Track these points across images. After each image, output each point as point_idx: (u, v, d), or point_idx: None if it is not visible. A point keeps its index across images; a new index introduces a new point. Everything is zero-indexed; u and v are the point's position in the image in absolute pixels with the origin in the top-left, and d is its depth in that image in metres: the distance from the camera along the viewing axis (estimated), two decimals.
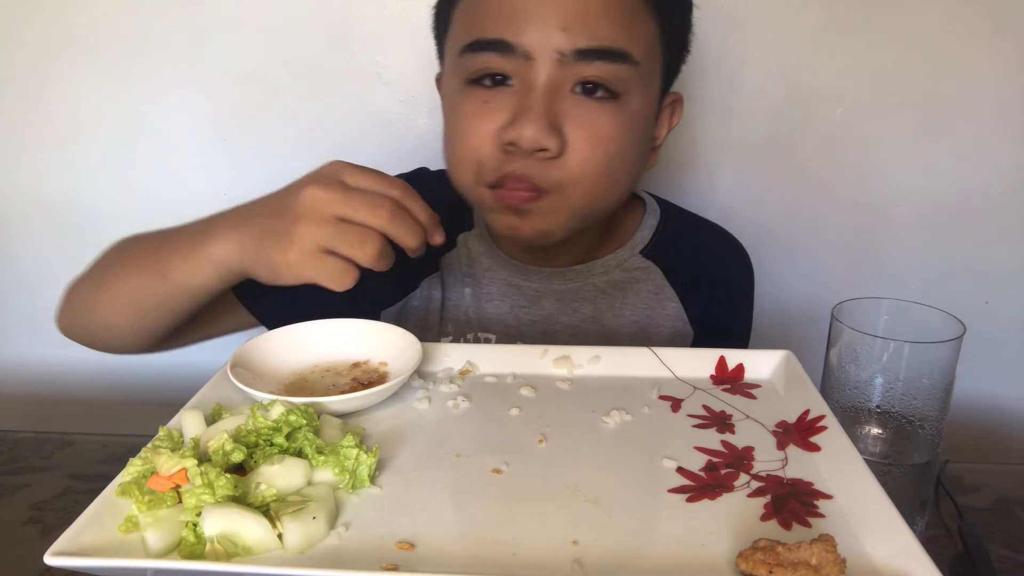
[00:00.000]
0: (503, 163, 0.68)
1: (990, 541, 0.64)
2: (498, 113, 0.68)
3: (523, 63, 0.66)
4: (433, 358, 0.66)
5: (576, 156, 0.68)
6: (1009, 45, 1.05)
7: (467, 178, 0.72)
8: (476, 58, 0.68)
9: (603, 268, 0.84)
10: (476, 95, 0.69)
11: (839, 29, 1.06)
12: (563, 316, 0.83)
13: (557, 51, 0.65)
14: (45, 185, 1.18)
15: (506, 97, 0.68)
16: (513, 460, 0.52)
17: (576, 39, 0.65)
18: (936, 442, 0.63)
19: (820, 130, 1.11)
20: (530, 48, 0.66)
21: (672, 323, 0.84)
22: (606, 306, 0.83)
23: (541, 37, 0.65)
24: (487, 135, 0.68)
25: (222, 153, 1.16)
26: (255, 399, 0.56)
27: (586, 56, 0.65)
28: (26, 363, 1.28)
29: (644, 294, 0.84)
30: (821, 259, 1.18)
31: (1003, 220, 1.14)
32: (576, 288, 0.83)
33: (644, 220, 0.87)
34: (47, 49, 1.11)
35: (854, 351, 0.62)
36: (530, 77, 0.67)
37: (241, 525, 0.42)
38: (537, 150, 0.66)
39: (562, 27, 0.65)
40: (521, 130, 0.65)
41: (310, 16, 1.08)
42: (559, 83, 0.67)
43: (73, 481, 0.73)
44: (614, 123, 0.68)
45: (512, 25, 0.66)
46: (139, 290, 0.69)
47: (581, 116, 0.67)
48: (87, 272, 0.77)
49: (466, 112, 0.70)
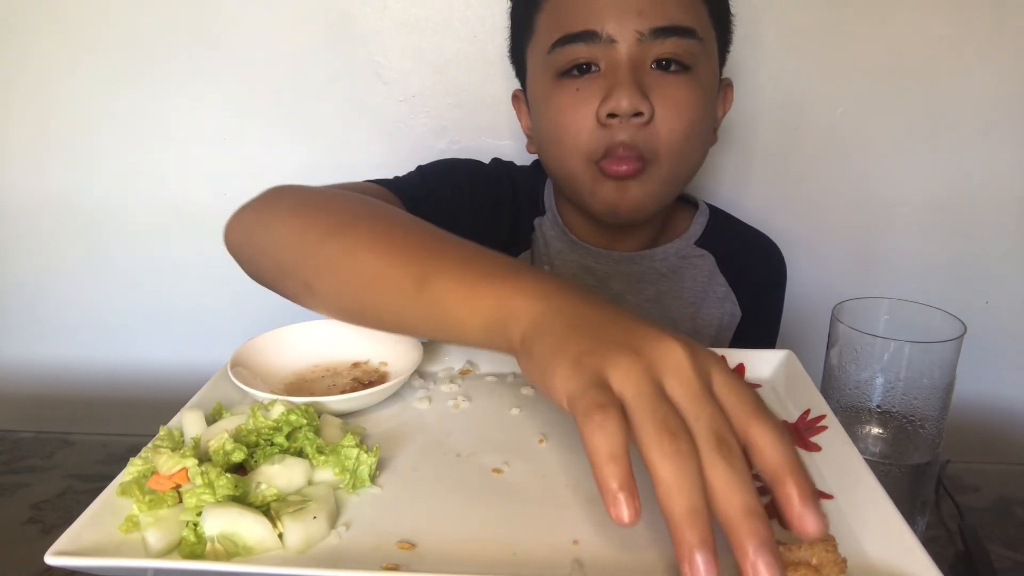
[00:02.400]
0: (608, 136, 0.77)
1: (990, 541, 0.64)
2: (591, 97, 0.76)
3: (608, 47, 0.76)
4: (433, 358, 0.66)
5: (664, 124, 0.76)
6: (1009, 45, 1.05)
7: (577, 162, 0.80)
8: (565, 51, 0.77)
9: (663, 254, 0.93)
10: (568, 85, 0.78)
11: (839, 30, 1.06)
12: (629, 295, 0.91)
13: (636, 31, 0.75)
14: (45, 185, 1.18)
15: (596, 81, 0.77)
16: (513, 460, 0.52)
17: (651, 20, 0.75)
18: (936, 442, 0.63)
19: (820, 130, 1.11)
20: (613, 33, 0.75)
21: (722, 303, 0.93)
22: (666, 288, 0.92)
23: (621, 22, 0.75)
24: (586, 117, 0.77)
25: (222, 153, 1.15)
26: (255, 399, 0.56)
27: (661, 34, 0.75)
28: (26, 363, 1.28)
29: (699, 278, 0.93)
30: (821, 259, 1.18)
31: (1003, 220, 1.14)
32: (641, 271, 0.92)
33: (696, 217, 0.96)
34: (47, 49, 1.11)
35: (854, 351, 0.62)
36: (615, 58, 0.76)
37: (241, 525, 0.42)
38: (634, 115, 0.75)
39: (638, 12, 0.75)
40: (619, 100, 0.74)
41: (310, 16, 1.08)
42: (640, 59, 0.76)
43: (73, 481, 0.73)
44: (691, 93, 0.78)
45: (596, 15, 0.76)
46: (378, 281, 0.53)
47: (663, 87, 0.76)
48: (302, 199, 0.63)
49: (563, 103, 0.79)
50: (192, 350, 1.24)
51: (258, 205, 0.65)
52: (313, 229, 0.58)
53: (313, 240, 0.58)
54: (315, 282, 0.58)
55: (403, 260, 0.52)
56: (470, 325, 0.48)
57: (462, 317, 0.48)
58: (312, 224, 0.59)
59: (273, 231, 0.61)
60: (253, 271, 0.65)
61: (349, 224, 0.57)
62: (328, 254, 0.56)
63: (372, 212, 0.60)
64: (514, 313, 0.45)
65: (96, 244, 1.20)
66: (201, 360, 1.22)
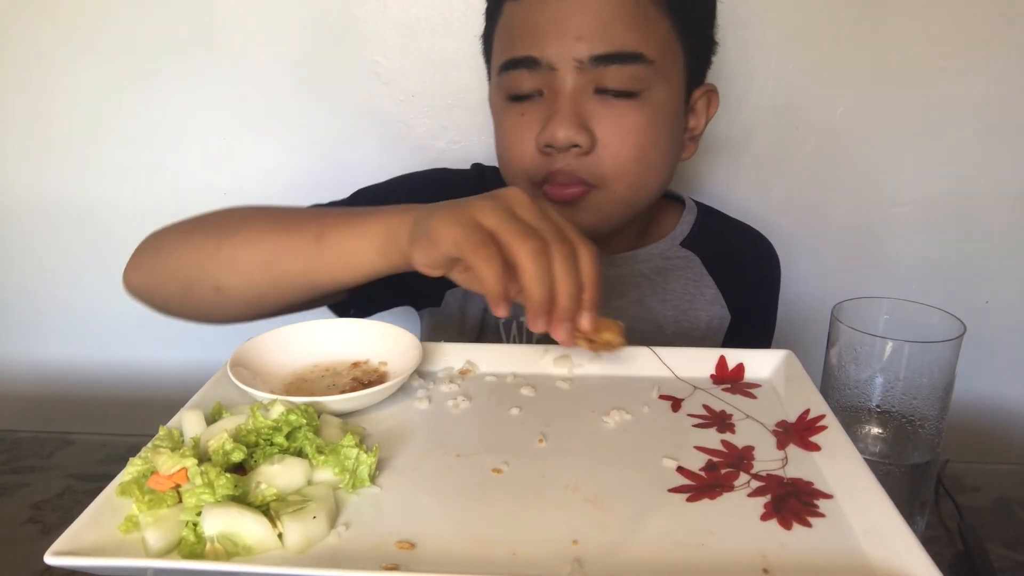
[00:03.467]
0: (547, 164, 0.76)
1: (990, 541, 0.64)
2: (534, 123, 0.75)
3: (549, 74, 0.74)
4: (433, 358, 0.66)
5: (608, 151, 0.74)
6: (1009, 45, 1.05)
7: (522, 185, 0.77)
8: (510, 76, 0.77)
9: (646, 256, 0.90)
10: (515, 110, 0.78)
11: (839, 29, 1.06)
12: (611, 298, 0.88)
13: (575, 59, 0.73)
14: (45, 185, 1.18)
15: (539, 107, 0.76)
16: (513, 460, 0.52)
17: (592, 46, 0.72)
18: (936, 442, 0.63)
19: (820, 130, 1.11)
20: (552, 60, 0.73)
21: (710, 306, 0.90)
22: (650, 290, 0.89)
23: (560, 49, 0.73)
24: (528, 143, 0.76)
25: (222, 153, 1.15)
26: (255, 398, 0.56)
27: (602, 61, 0.72)
28: (26, 363, 1.28)
29: (684, 280, 0.90)
30: (821, 259, 1.18)
31: (1003, 220, 1.14)
32: (623, 274, 0.89)
33: (683, 216, 0.94)
34: (47, 49, 1.11)
35: (854, 351, 0.62)
36: (556, 85, 0.74)
37: (241, 524, 0.42)
38: (571, 146, 0.73)
39: (577, 38, 0.72)
40: (553, 131, 0.73)
41: (310, 16, 1.08)
42: (582, 87, 0.74)
43: (73, 481, 0.73)
44: (638, 118, 0.75)
45: (536, 41, 0.74)
46: (284, 254, 0.65)
47: (606, 114, 0.74)
48: (185, 229, 0.71)
49: (509, 126, 0.79)
50: (192, 350, 1.24)
51: (146, 247, 0.73)
52: (206, 241, 0.68)
53: (210, 249, 0.68)
54: (223, 281, 0.68)
55: (297, 230, 0.65)
56: (367, 253, 0.62)
57: (359, 249, 0.62)
58: (203, 238, 0.69)
59: (170, 258, 0.71)
60: (161, 302, 0.73)
61: (236, 226, 0.68)
62: (228, 253, 0.67)
63: (252, 211, 0.71)
64: (397, 227, 0.60)
65: (96, 244, 1.20)
66: (201, 360, 1.22)
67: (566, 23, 0.73)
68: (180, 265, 0.70)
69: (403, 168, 0.91)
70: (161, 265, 0.71)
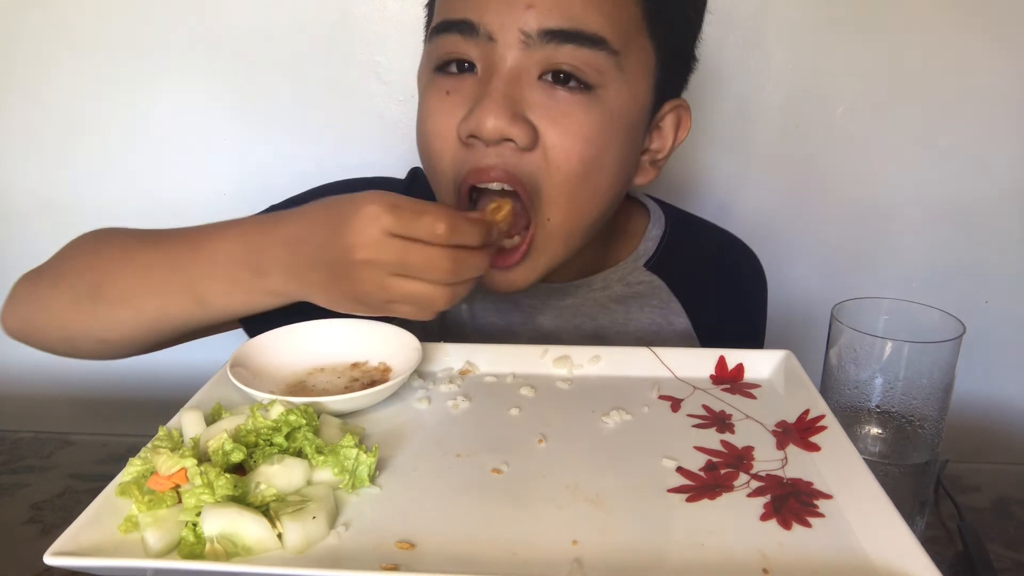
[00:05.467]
0: (472, 159, 0.62)
1: (990, 541, 0.64)
2: (460, 106, 0.62)
3: (487, 45, 0.60)
4: (433, 358, 0.66)
5: (548, 152, 0.61)
6: (1009, 46, 1.05)
7: (446, 186, 0.66)
8: (441, 41, 0.63)
9: (604, 282, 0.78)
10: (440, 85, 0.64)
11: (839, 29, 1.06)
12: (564, 334, 0.78)
13: (521, 31, 0.59)
14: (45, 185, 1.18)
15: (468, 86, 0.62)
16: (513, 460, 0.52)
17: (543, 18, 0.59)
18: (936, 442, 0.62)
19: (820, 130, 1.11)
20: (492, 28, 0.60)
21: (680, 340, 0.79)
22: (609, 322, 0.78)
23: (504, 15, 0.59)
24: (450, 131, 0.63)
25: (222, 153, 1.15)
26: (255, 399, 0.56)
27: (555, 38, 0.59)
28: (26, 363, 1.28)
29: (648, 309, 0.79)
30: (821, 259, 1.18)
31: (1003, 220, 1.14)
32: (576, 304, 0.78)
33: (648, 231, 0.81)
34: (47, 49, 1.11)
35: (854, 351, 0.62)
36: (493, 61, 0.61)
37: (241, 525, 0.42)
38: (501, 140, 0.60)
39: (527, 4, 0.59)
40: (480, 118, 0.59)
41: (310, 16, 1.08)
42: (524, 68, 0.60)
43: (73, 481, 0.73)
44: (590, 119, 0.61)
45: (476, 3, 0.60)
46: (165, 313, 0.64)
47: (552, 108, 0.61)
48: (56, 271, 0.69)
49: (430, 108, 0.65)
50: (192, 350, 1.24)
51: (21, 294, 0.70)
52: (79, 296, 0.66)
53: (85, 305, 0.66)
54: (106, 335, 0.67)
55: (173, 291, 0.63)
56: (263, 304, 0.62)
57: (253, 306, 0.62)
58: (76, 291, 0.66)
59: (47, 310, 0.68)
60: (45, 347, 0.72)
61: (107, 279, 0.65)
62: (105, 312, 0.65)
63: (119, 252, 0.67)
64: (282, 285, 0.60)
65: None
66: (201, 360, 1.22)
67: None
68: (58, 317, 0.68)
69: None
70: (38, 315, 0.69)
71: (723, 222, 0.94)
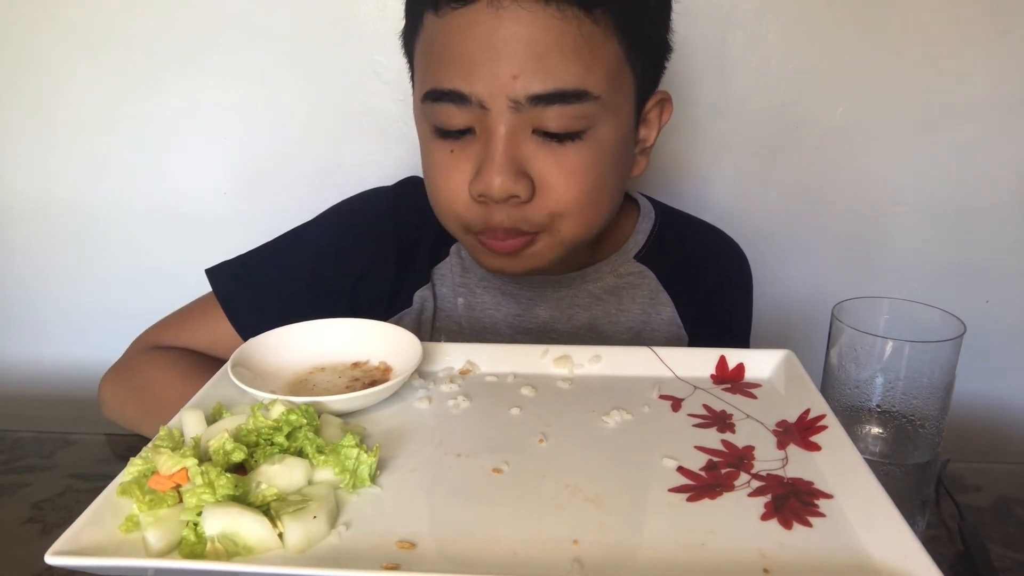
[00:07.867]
0: (483, 215, 0.69)
1: (990, 540, 0.64)
2: (464, 163, 0.68)
3: (480, 113, 0.65)
4: (433, 358, 0.66)
5: (549, 197, 0.67)
6: (1009, 45, 1.05)
7: (453, 227, 0.74)
8: (436, 108, 0.68)
9: (597, 274, 0.83)
10: (443, 145, 0.69)
11: (839, 29, 1.06)
12: (559, 324, 0.83)
13: (510, 99, 0.64)
14: (45, 185, 1.18)
15: (471, 146, 0.68)
16: (513, 460, 0.52)
17: (529, 85, 0.63)
18: (936, 441, 0.63)
19: (820, 130, 1.11)
20: (483, 98, 0.64)
21: (667, 328, 0.84)
22: (601, 312, 0.83)
23: (493, 86, 0.64)
24: (459, 187, 0.69)
25: (222, 153, 1.15)
26: (256, 398, 0.56)
27: (541, 100, 0.64)
28: (26, 363, 1.28)
29: (639, 300, 0.84)
30: (821, 259, 1.18)
31: (1003, 220, 1.14)
32: (571, 295, 0.83)
33: (639, 224, 0.86)
34: (47, 49, 1.11)
35: (854, 350, 0.62)
36: (489, 126, 0.66)
37: (242, 524, 0.42)
38: (508, 197, 0.66)
39: (512, 75, 0.63)
40: (489, 181, 0.65)
41: (310, 16, 1.08)
42: (518, 129, 0.65)
43: (73, 480, 0.73)
44: (582, 159, 0.67)
45: (465, 75, 0.64)
46: None
47: (547, 157, 0.66)
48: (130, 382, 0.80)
49: (437, 163, 0.71)
50: None
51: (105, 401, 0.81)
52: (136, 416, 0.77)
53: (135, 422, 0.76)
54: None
55: None
56: None
57: None
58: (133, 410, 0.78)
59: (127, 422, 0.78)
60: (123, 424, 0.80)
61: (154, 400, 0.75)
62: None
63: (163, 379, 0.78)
64: None
65: (96, 244, 1.20)
66: None
67: (498, 55, 0.63)
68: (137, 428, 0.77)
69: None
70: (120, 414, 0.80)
71: (723, 222, 0.94)
